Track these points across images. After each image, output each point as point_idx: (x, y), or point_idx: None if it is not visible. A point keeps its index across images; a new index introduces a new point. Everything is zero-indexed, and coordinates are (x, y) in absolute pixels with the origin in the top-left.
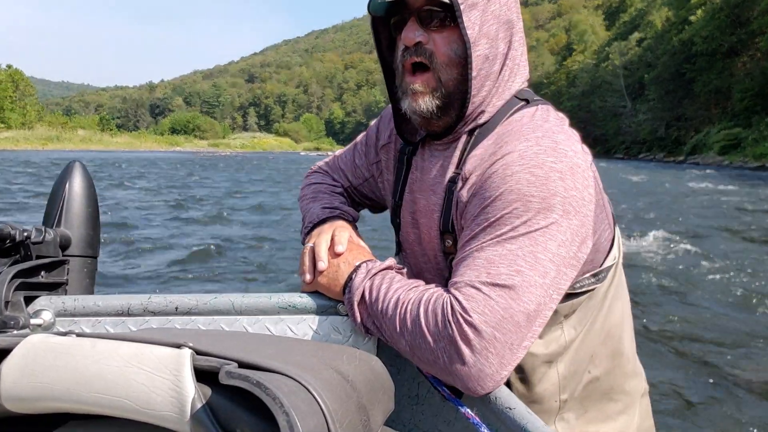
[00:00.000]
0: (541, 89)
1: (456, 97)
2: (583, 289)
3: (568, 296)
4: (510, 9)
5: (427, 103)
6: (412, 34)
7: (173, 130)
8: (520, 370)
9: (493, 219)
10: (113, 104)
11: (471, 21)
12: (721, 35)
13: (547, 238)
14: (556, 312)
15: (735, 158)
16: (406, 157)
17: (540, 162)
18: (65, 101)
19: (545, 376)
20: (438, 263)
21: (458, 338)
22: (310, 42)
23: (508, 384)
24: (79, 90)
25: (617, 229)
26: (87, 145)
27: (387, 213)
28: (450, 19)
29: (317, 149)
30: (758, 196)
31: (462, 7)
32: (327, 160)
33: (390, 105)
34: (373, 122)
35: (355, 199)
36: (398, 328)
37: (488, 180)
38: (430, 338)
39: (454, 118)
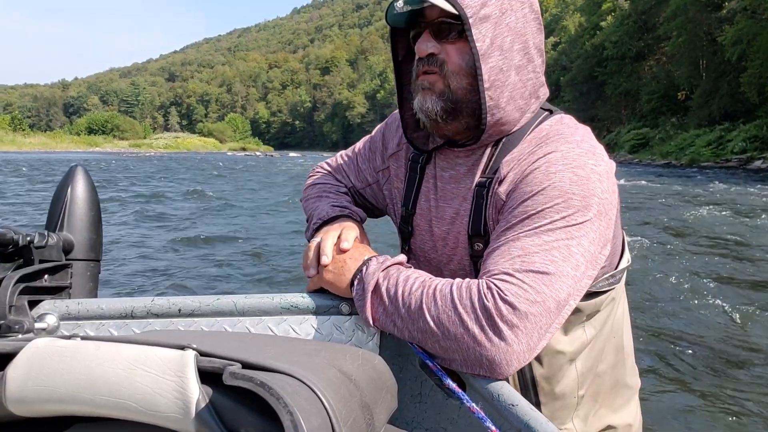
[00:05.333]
0: None
1: (465, 105)
2: (604, 289)
3: (592, 295)
4: (528, 22)
5: (433, 101)
6: (424, 45)
7: (90, 130)
8: (547, 367)
9: (532, 212)
10: (23, 103)
11: (482, 33)
12: (629, 40)
13: (581, 234)
14: (580, 311)
15: (644, 156)
16: (419, 165)
17: (582, 163)
18: None
19: (567, 373)
20: (463, 268)
21: (494, 312)
22: (232, 41)
23: (534, 382)
24: None
25: (624, 234)
26: None
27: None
28: (463, 31)
29: (243, 149)
30: (666, 190)
31: (471, 20)
32: (329, 161)
33: (396, 111)
34: (377, 128)
35: (357, 201)
36: (423, 305)
37: (530, 175)
38: (461, 309)
39: (464, 125)
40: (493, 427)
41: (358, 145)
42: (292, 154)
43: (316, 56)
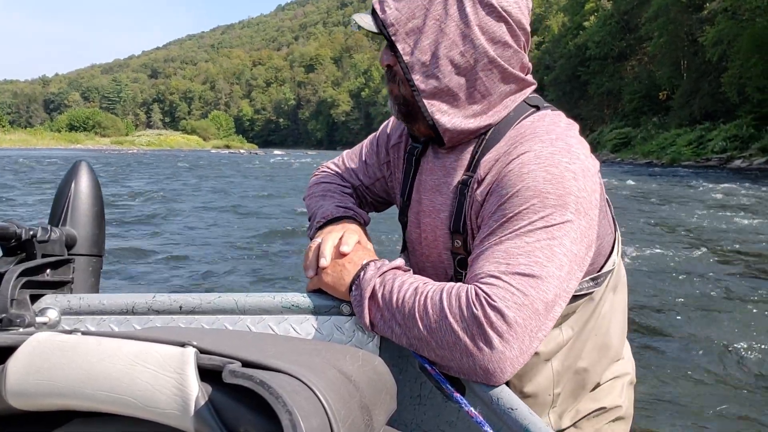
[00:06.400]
0: None
1: (415, 108)
2: (583, 292)
3: (570, 298)
4: (477, 20)
5: (394, 108)
6: (382, 57)
7: (71, 127)
8: None
9: (510, 214)
10: (3, 99)
11: (409, 46)
12: (612, 40)
13: (562, 233)
14: None
15: (626, 155)
16: (414, 157)
17: (555, 162)
18: None
19: (540, 372)
20: (442, 262)
21: (483, 321)
22: (215, 37)
23: None
24: None
25: (618, 234)
26: None
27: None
28: None
29: (227, 147)
30: (649, 189)
31: (395, 37)
32: (335, 160)
33: None
34: (383, 123)
35: (367, 199)
36: (416, 314)
37: (504, 178)
38: (451, 319)
39: (425, 125)
40: None
41: (365, 142)
42: (277, 152)
43: (301, 54)
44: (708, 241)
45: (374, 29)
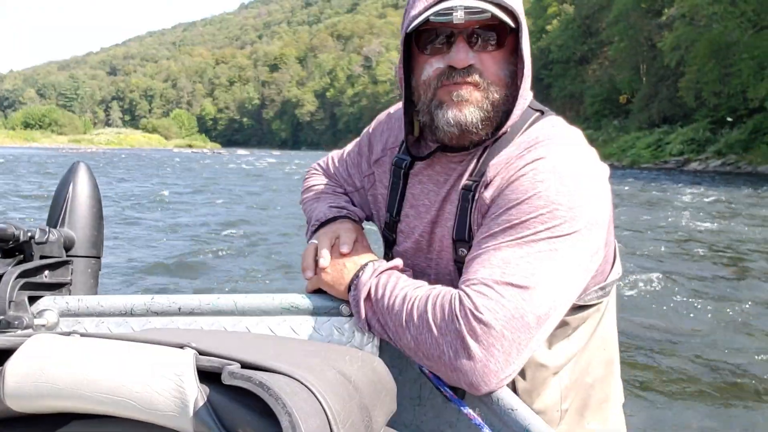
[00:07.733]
0: None
1: (496, 115)
2: (592, 302)
3: (579, 308)
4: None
5: (473, 113)
6: (464, 55)
7: (26, 125)
8: (530, 380)
9: (516, 221)
10: None
11: (525, 42)
12: (574, 44)
13: (567, 245)
14: (566, 324)
15: None
16: (402, 171)
17: (571, 172)
18: None
19: (549, 386)
20: (448, 273)
21: (465, 333)
22: (177, 35)
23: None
24: None
25: (616, 244)
26: None
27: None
28: (498, 41)
29: (190, 146)
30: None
31: (522, 29)
32: (321, 163)
33: (382, 114)
34: (364, 131)
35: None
36: (404, 323)
37: (516, 182)
38: (436, 332)
39: (488, 134)
40: None
41: (348, 148)
42: (241, 151)
43: (265, 53)
44: (667, 238)
45: (509, 21)
